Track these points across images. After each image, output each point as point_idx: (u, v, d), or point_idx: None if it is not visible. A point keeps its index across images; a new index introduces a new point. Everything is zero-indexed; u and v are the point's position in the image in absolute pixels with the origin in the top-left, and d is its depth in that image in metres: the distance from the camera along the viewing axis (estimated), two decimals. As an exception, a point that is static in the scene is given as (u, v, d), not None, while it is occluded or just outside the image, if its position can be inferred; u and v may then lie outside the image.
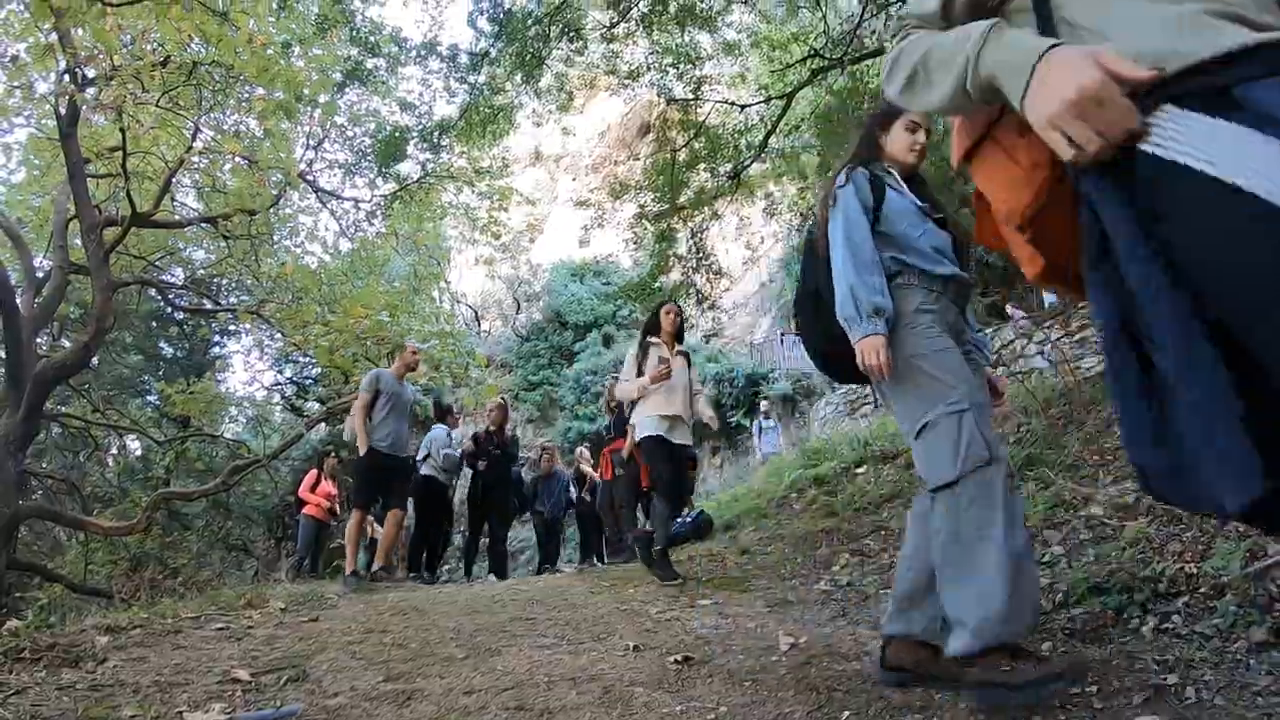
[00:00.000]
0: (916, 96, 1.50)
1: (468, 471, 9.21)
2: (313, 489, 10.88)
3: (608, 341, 24.54)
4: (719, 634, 3.46)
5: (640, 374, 5.67)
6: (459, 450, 8.91)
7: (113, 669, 3.06)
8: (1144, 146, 1.13)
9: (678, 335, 5.94)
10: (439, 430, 9.10)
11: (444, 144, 12.18)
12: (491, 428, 9.26)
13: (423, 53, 11.48)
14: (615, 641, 3.43)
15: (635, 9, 10.75)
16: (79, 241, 10.00)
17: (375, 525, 10.13)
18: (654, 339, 5.87)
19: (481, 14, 10.71)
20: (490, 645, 3.41)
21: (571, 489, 10.48)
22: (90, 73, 8.81)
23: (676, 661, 2.96)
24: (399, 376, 7.07)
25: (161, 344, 18.65)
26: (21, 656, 3.06)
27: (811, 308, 2.82)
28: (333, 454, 12.21)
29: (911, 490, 5.86)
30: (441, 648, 3.39)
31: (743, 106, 11.42)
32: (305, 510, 10.86)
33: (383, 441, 6.74)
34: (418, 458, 8.79)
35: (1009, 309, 13.75)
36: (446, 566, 12.86)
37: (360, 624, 4.09)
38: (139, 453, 17.43)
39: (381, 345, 10.01)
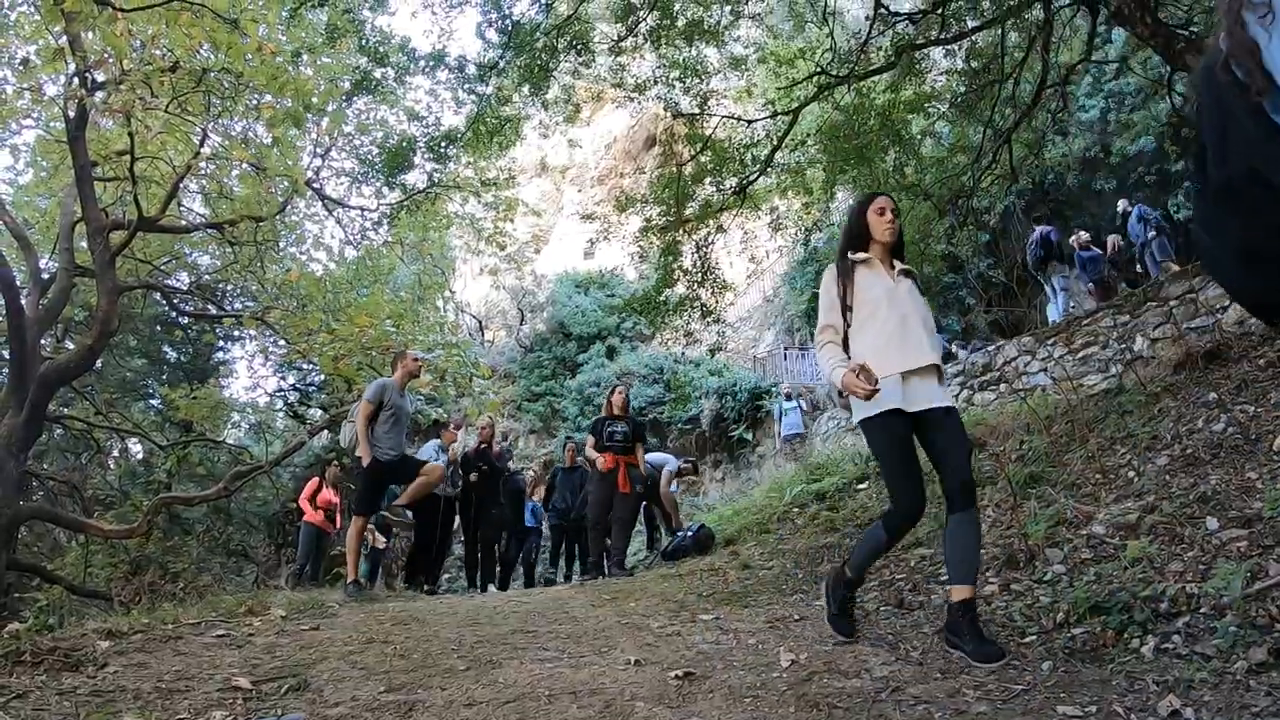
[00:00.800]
0: None
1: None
2: (313, 497, 10.87)
3: (611, 354, 24.53)
4: (720, 649, 3.46)
5: (847, 311, 3.50)
6: (444, 459, 8.82)
7: (113, 674, 3.07)
8: None
9: (896, 249, 3.67)
10: (429, 446, 8.97)
11: (451, 154, 12.22)
12: (483, 445, 9.33)
13: (431, 63, 11.53)
14: (616, 655, 3.43)
15: (643, 23, 10.80)
16: (85, 244, 10.05)
17: (376, 534, 10.14)
18: (860, 255, 3.61)
19: (490, 25, 10.76)
20: (491, 657, 3.41)
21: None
22: (100, 76, 8.88)
23: (678, 677, 2.96)
24: (401, 386, 7.05)
25: (165, 348, 18.68)
26: (22, 660, 3.06)
27: (1248, 197, 1.57)
28: (334, 462, 12.21)
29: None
30: (443, 659, 3.39)
31: (749, 121, 11.45)
32: (306, 518, 10.85)
33: (388, 453, 6.74)
34: None
35: None
36: (447, 575, 12.85)
37: (361, 633, 4.09)
38: (140, 456, 17.46)
39: (386, 355, 10.03)
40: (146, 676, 3.06)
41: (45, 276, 11.04)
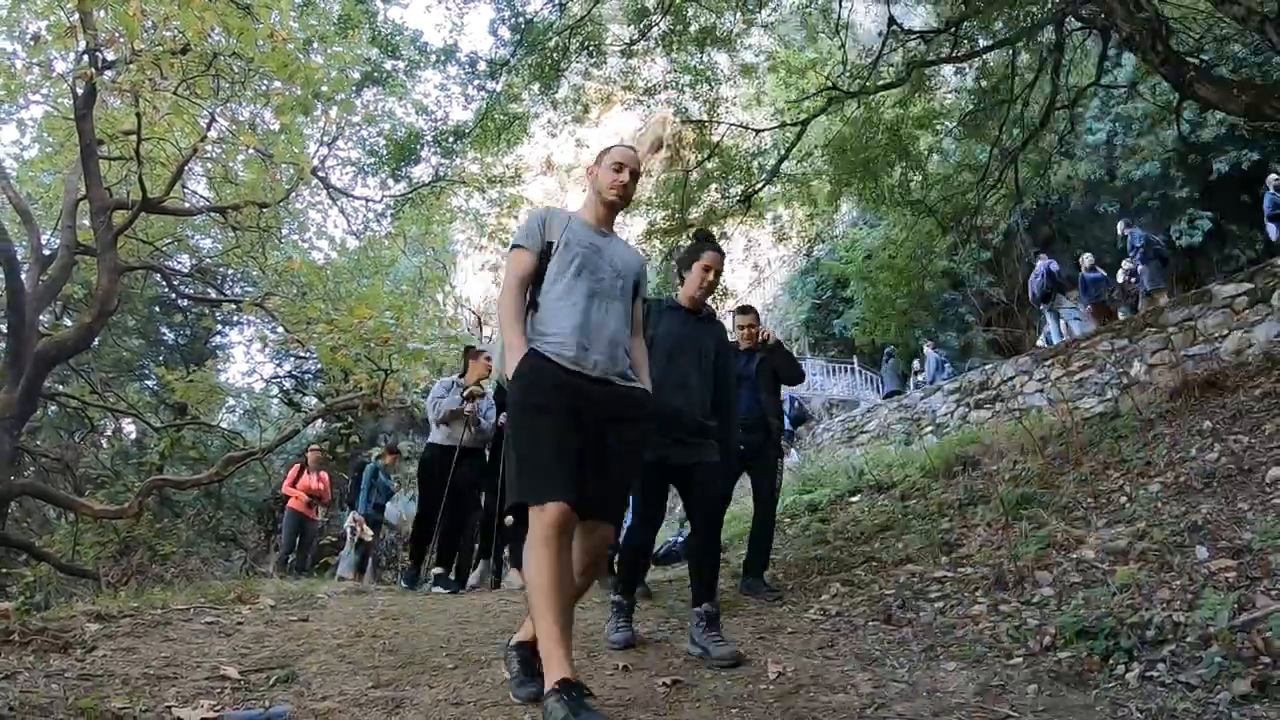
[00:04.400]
0: None
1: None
2: (295, 483, 10.82)
3: (609, 353, 24.45)
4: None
5: None
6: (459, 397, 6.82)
7: (102, 658, 3.07)
8: None
9: None
10: (440, 385, 7.15)
11: (458, 149, 12.23)
12: None
13: (442, 58, 11.54)
14: (604, 660, 3.43)
15: (656, 27, 10.82)
16: (88, 222, 10.04)
17: (364, 526, 10.09)
18: None
19: (503, 22, 10.78)
20: (480, 656, 3.41)
21: None
22: (110, 55, 8.85)
23: (666, 684, 2.96)
24: None
25: (163, 330, 18.64)
26: (10, 639, 3.06)
27: None
28: (316, 446, 12.12)
29: (904, 523, 5.87)
30: (431, 656, 3.39)
31: (757, 131, 11.46)
32: (289, 505, 10.80)
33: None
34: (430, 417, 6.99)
35: None
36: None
37: (350, 627, 4.09)
38: (134, 437, 17.43)
39: (385, 347, 10.00)
40: (135, 661, 3.06)
41: (47, 253, 11.00)
